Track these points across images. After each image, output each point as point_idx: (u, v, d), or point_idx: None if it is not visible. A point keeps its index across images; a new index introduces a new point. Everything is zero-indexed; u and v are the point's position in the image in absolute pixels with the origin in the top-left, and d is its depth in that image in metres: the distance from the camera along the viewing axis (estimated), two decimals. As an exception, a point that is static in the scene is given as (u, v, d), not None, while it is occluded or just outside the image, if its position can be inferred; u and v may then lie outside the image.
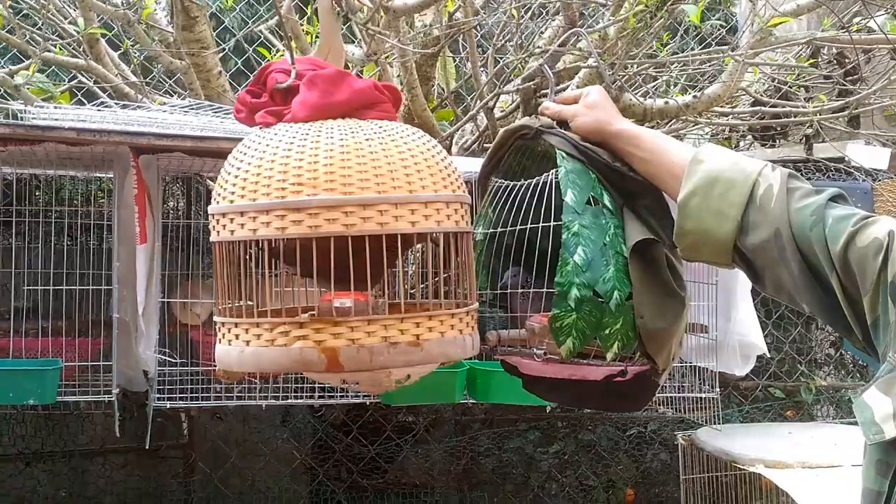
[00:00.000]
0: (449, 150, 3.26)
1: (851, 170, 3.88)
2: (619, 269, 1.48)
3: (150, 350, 2.56)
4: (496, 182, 1.69)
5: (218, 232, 1.42)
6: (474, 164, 1.75)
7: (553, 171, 1.56)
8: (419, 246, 1.61)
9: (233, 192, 1.40)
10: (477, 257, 1.64)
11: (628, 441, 4.50)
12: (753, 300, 3.10)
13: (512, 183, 1.65)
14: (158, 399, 2.62)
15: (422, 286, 1.57)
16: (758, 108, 3.81)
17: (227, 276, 1.44)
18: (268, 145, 1.40)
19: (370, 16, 1.96)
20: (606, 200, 1.52)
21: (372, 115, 1.47)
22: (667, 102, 3.14)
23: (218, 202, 1.42)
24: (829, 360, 4.59)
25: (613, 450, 4.50)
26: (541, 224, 1.56)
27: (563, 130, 1.58)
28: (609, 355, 1.49)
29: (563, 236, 1.49)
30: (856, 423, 1.23)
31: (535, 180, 1.60)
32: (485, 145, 3.20)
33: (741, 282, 2.96)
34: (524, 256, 1.60)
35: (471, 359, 1.87)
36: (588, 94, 1.58)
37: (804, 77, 3.77)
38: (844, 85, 3.83)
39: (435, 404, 3.99)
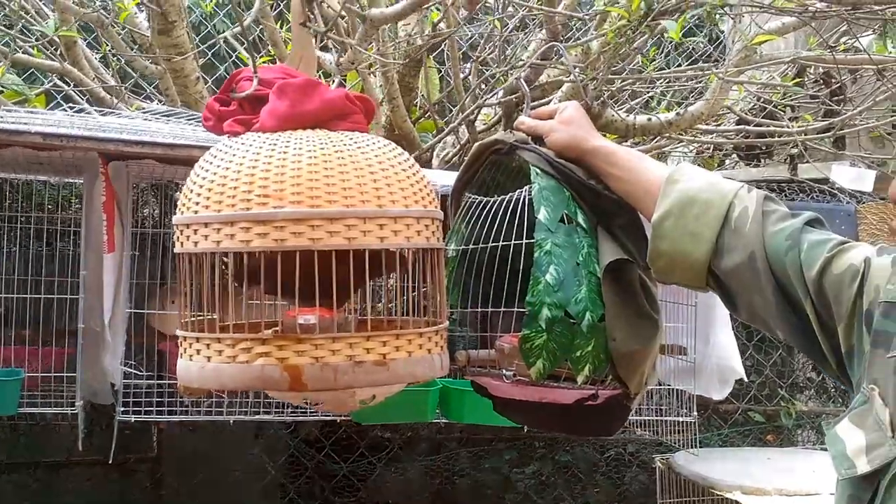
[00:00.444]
0: (430, 163, 3.22)
1: (836, 191, 3.87)
2: (591, 289, 1.45)
3: (116, 362, 2.51)
4: (470, 197, 1.65)
5: (182, 243, 1.39)
6: (454, 178, 1.72)
7: (527, 187, 1.53)
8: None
9: (197, 203, 1.36)
10: (448, 274, 1.60)
11: (606, 463, 4.46)
12: (734, 323, 3.07)
13: (486, 199, 1.62)
14: (123, 412, 2.56)
15: (391, 304, 1.53)
16: (742, 126, 3.78)
17: (190, 289, 1.40)
18: (234, 155, 1.37)
19: (331, 25, 1.92)
20: (580, 219, 1.49)
21: (343, 126, 1.44)
22: (649, 119, 3.11)
23: (182, 212, 1.39)
24: (810, 384, 4.57)
25: (591, 471, 4.46)
26: (513, 242, 1.52)
27: (537, 146, 1.54)
28: (580, 378, 1.45)
29: (535, 255, 1.45)
30: None
31: (508, 197, 1.56)
32: (466, 158, 3.16)
33: (721, 304, 2.92)
34: (496, 274, 1.56)
35: (448, 377, 1.83)
36: (564, 109, 1.54)
37: (790, 96, 3.75)
38: (830, 105, 3.81)
39: (411, 422, 3.94)
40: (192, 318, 1.41)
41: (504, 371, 1.57)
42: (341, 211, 1.30)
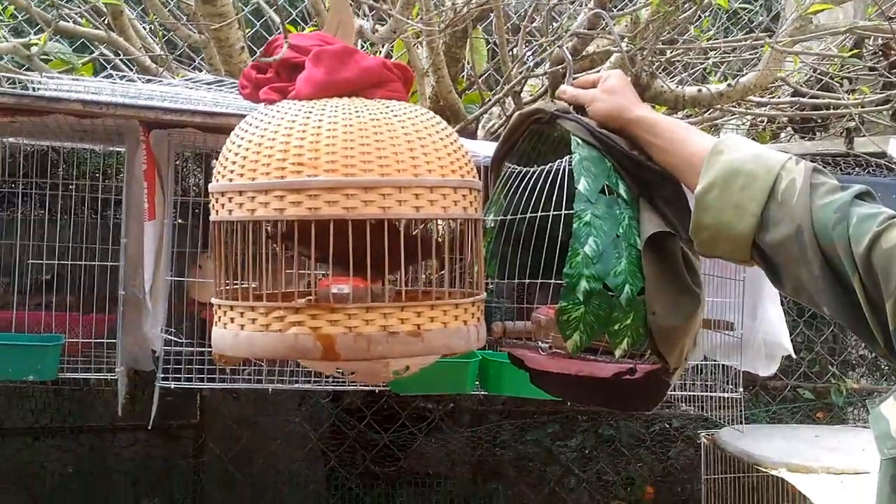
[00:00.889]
0: (475, 134, 3.19)
1: (893, 166, 3.77)
2: (631, 262, 1.41)
3: (157, 329, 2.53)
4: (509, 167, 1.62)
5: (217, 211, 1.38)
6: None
7: (567, 157, 1.49)
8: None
9: (232, 171, 1.35)
10: (487, 245, 1.58)
11: (651, 437, 4.42)
12: (784, 299, 3.01)
13: (525, 169, 1.58)
14: (164, 379, 2.58)
15: (431, 276, 1.52)
16: (797, 99, 3.70)
17: (224, 258, 1.40)
18: (269, 123, 1.35)
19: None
20: (622, 190, 1.45)
21: (380, 94, 1.41)
22: (700, 90, 3.05)
23: (217, 180, 1.38)
24: (862, 361, 4.48)
25: (635, 446, 4.43)
26: (552, 212, 1.49)
27: (579, 116, 1.51)
28: (617, 352, 1.43)
29: (574, 226, 1.42)
30: None
31: (548, 167, 1.53)
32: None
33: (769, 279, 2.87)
34: (534, 245, 1.53)
35: (484, 348, 1.81)
36: (607, 78, 1.51)
37: (847, 68, 3.65)
38: (889, 77, 3.70)
39: (451, 394, 3.93)
40: (227, 287, 1.40)
41: (540, 343, 1.55)
42: (376, 180, 1.28)
